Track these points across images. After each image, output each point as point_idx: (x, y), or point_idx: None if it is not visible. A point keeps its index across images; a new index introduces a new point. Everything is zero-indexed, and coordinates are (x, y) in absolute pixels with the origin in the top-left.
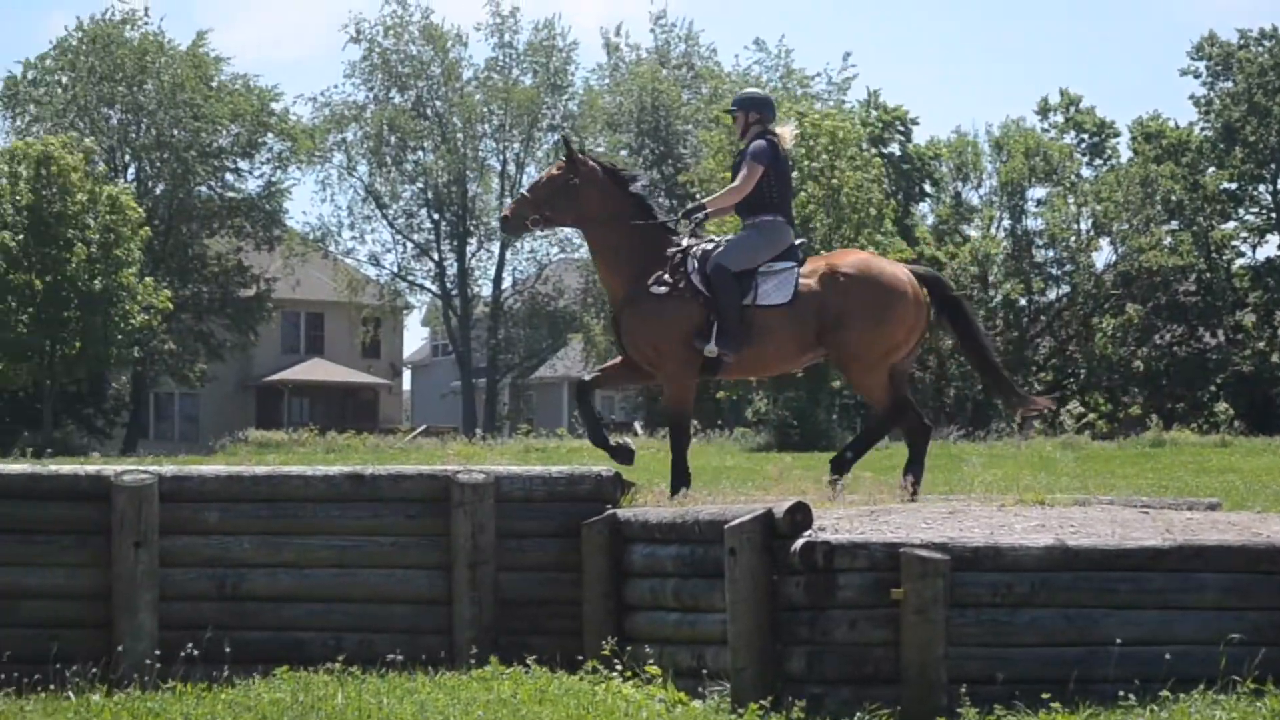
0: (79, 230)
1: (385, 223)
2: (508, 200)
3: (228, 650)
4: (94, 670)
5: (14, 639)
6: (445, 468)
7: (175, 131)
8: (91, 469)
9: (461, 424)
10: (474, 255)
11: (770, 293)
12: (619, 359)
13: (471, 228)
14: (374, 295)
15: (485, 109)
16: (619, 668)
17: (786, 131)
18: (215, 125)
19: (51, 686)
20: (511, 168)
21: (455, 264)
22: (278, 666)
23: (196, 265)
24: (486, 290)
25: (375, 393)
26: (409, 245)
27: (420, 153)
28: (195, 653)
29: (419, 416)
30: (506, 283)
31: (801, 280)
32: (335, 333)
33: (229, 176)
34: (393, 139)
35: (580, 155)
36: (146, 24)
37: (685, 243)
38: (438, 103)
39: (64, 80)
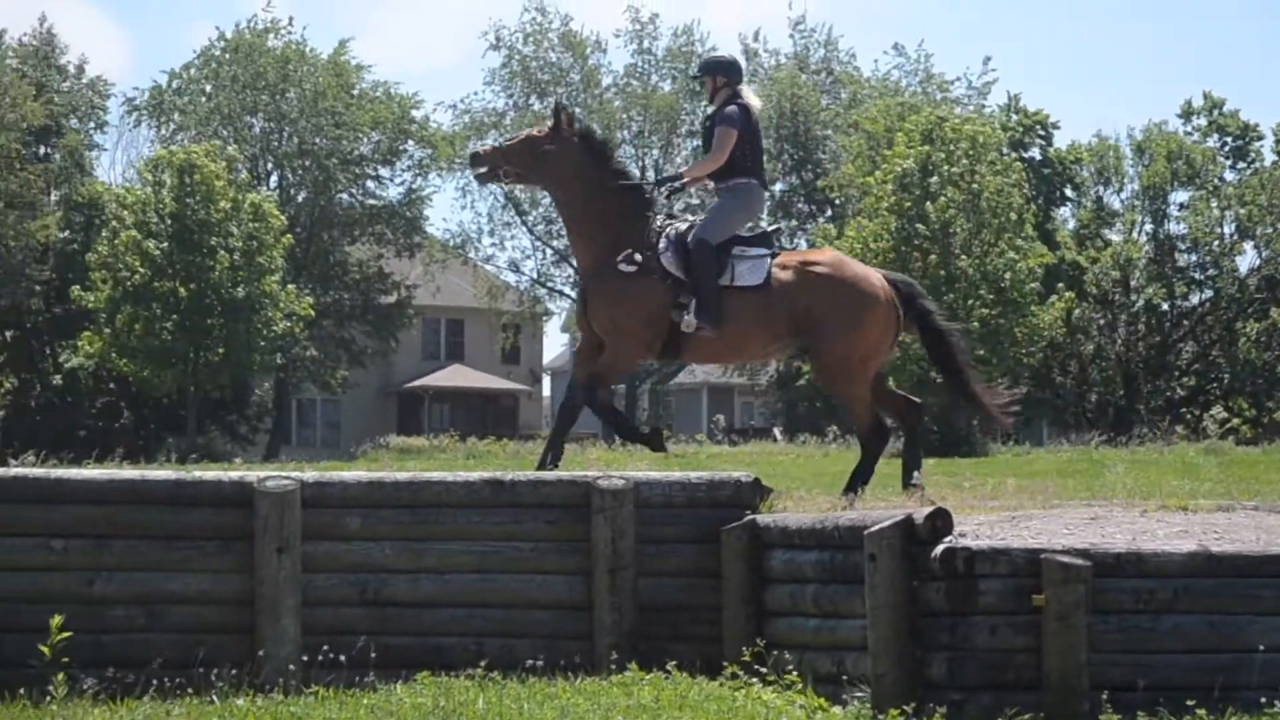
0: (222, 238)
1: (525, 229)
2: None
3: (371, 655)
4: (238, 675)
5: (160, 644)
6: (585, 473)
7: (317, 139)
8: (235, 475)
9: (601, 430)
10: None
11: (744, 274)
12: (584, 341)
13: None
14: (514, 301)
15: (624, 115)
16: (759, 673)
17: (752, 95)
18: (356, 133)
19: (196, 691)
20: (650, 174)
21: None
22: (419, 672)
23: (338, 272)
24: None
25: (515, 399)
26: (548, 251)
27: None
28: (338, 658)
29: (586, 421)
30: None
31: (776, 270)
32: (475, 339)
33: (370, 184)
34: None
35: (568, 126)
36: (290, 33)
37: (660, 222)
38: (577, 109)
39: (208, 89)
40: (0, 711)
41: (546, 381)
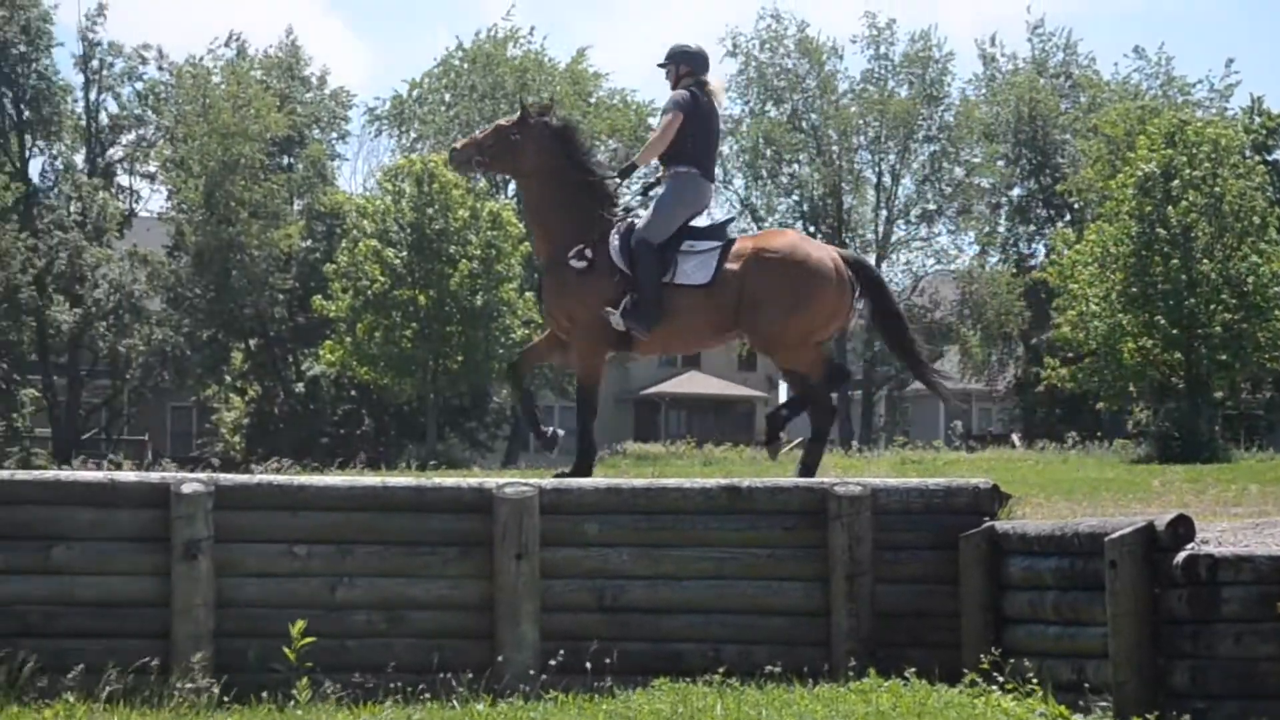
0: (461, 246)
1: None
2: (882, 212)
3: (608, 661)
4: (477, 680)
5: (401, 649)
6: (822, 480)
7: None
8: (474, 481)
9: (837, 436)
10: None
11: (690, 272)
12: (549, 331)
13: (847, 240)
14: None
15: (860, 121)
16: (998, 681)
17: (717, 84)
18: (593, 140)
19: (435, 695)
20: (887, 179)
21: None
22: (657, 677)
23: None
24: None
25: (751, 404)
26: None
27: (796, 165)
28: (576, 663)
29: (795, 429)
30: None
31: (726, 263)
32: None
33: None
34: (768, 152)
35: (534, 117)
36: (529, 42)
37: (619, 215)
38: (813, 115)
39: (447, 98)
40: (246, 716)
41: (783, 388)
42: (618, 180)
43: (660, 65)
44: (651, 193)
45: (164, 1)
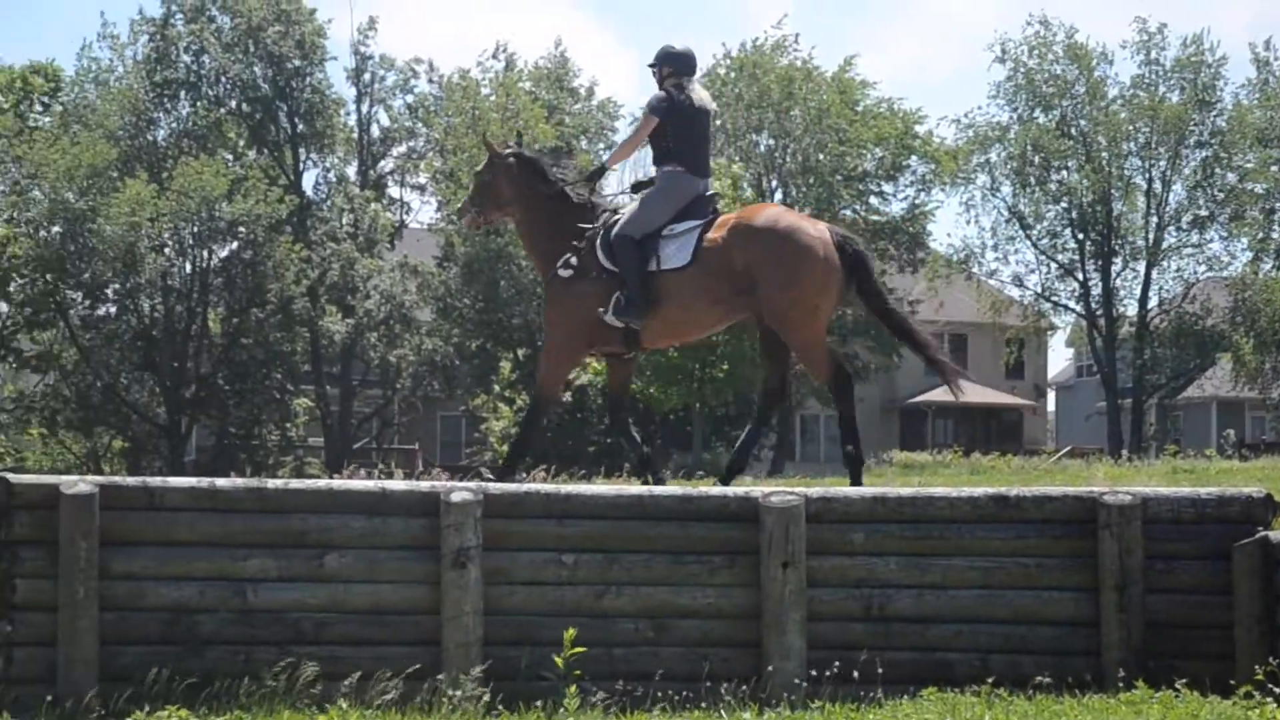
0: None
1: (1029, 243)
2: (1153, 218)
3: (876, 670)
4: (743, 689)
5: (667, 657)
6: (1091, 489)
7: (821, 156)
8: (740, 490)
9: (1106, 445)
10: (1119, 275)
11: (672, 256)
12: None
13: (1117, 247)
14: (1017, 316)
15: (1130, 127)
16: (1274, 693)
17: (699, 89)
18: (860, 149)
19: (702, 704)
20: (1158, 186)
21: (1100, 284)
22: (924, 687)
23: None
24: (1132, 310)
25: (1019, 414)
26: (1053, 265)
27: (1064, 172)
28: (842, 672)
29: (1063, 437)
30: (1153, 302)
31: (707, 238)
32: (979, 354)
33: (873, 200)
34: (1036, 159)
35: (499, 151)
36: (796, 50)
37: (604, 218)
38: (1082, 121)
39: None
40: None
41: (1051, 396)
42: (590, 186)
43: (649, 66)
44: (641, 193)
45: (436, 15)
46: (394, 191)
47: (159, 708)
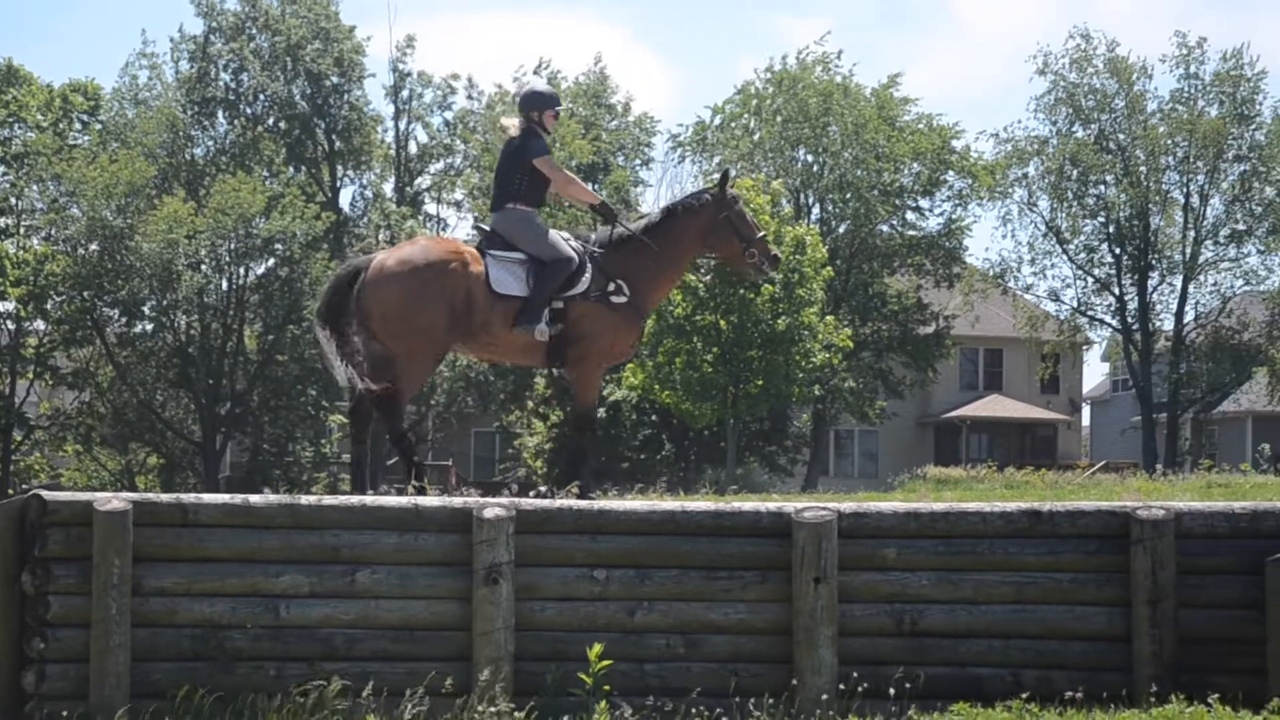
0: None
1: (1065, 258)
2: (1190, 233)
3: (908, 686)
4: (775, 704)
5: (699, 672)
6: (1124, 503)
7: (858, 171)
8: (772, 506)
9: (1141, 459)
10: (1155, 289)
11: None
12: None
13: (1153, 261)
14: (1053, 331)
15: (1169, 141)
16: None
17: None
18: (897, 164)
19: None
20: (1195, 200)
21: (1136, 298)
22: (955, 702)
23: (876, 304)
24: (1168, 324)
25: (1054, 428)
26: (1089, 280)
27: (1102, 187)
28: (875, 688)
29: (1098, 452)
30: (1189, 316)
31: None
32: (1014, 369)
33: (910, 215)
34: (1074, 173)
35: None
36: (837, 67)
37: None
38: (1120, 135)
39: (750, 124)
40: None
41: (1086, 411)
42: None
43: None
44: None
45: (474, 32)
46: (431, 208)
47: None
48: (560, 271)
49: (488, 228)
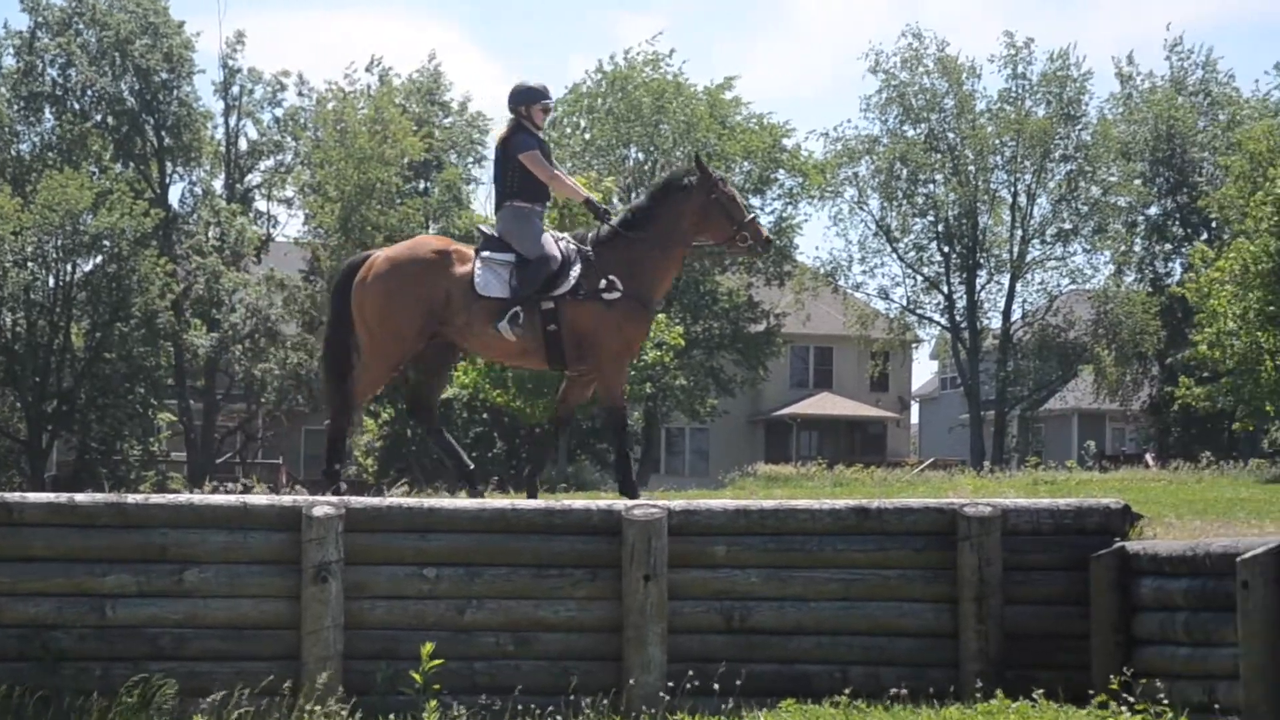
0: None
1: (895, 256)
2: (1018, 232)
3: (736, 683)
4: (605, 702)
5: (529, 671)
6: (952, 500)
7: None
8: (603, 504)
9: (969, 456)
10: (983, 288)
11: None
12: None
13: (981, 260)
14: (883, 329)
15: (997, 140)
16: (1128, 702)
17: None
18: (728, 163)
19: (564, 717)
20: (1022, 199)
21: (964, 297)
22: (784, 699)
23: (708, 301)
24: (996, 323)
25: (883, 426)
26: (918, 279)
27: (931, 186)
28: (703, 684)
29: (926, 449)
30: (1016, 314)
31: None
32: (844, 367)
33: None
34: (904, 172)
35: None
36: (669, 65)
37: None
38: (950, 135)
39: (582, 123)
40: None
41: (915, 409)
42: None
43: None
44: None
45: (305, 29)
46: (261, 205)
47: None
48: (540, 271)
49: (489, 230)
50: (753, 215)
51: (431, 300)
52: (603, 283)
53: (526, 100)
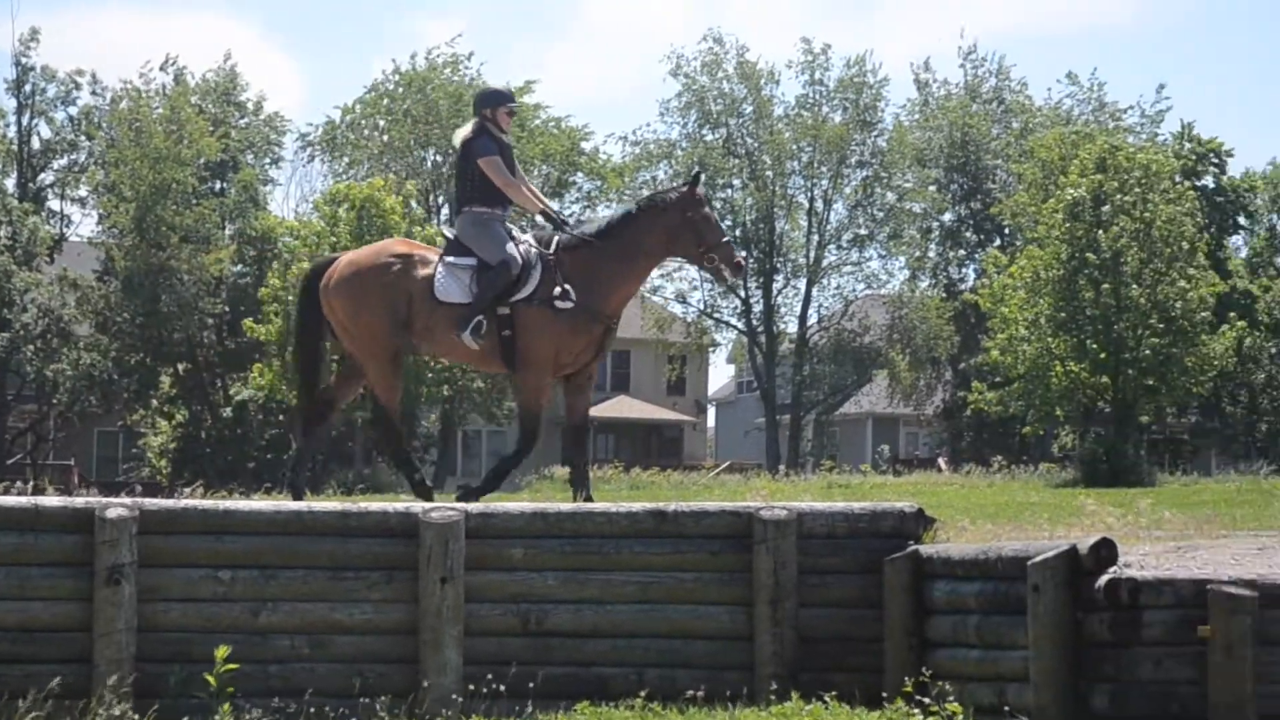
0: None
1: None
2: (814, 237)
3: (531, 686)
4: (401, 705)
5: (324, 673)
6: (748, 504)
7: None
8: (400, 506)
9: (765, 460)
10: (780, 292)
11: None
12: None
13: (778, 265)
14: (680, 333)
15: (794, 146)
16: (921, 704)
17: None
18: (527, 166)
19: None
20: (819, 204)
21: (761, 301)
22: (580, 701)
23: None
24: (792, 327)
25: (680, 429)
26: (716, 283)
27: (729, 190)
28: (499, 687)
29: (723, 453)
30: (812, 319)
31: None
32: (641, 370)
33: (539, 216)
34: (703, 177)
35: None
36: (467, 68)
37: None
38: (748, 140)
39: (380, 124)
40: None
41: (711, 412)
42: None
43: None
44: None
45: (100, 27)
46: (54, 204)
47: None
48: (499, 277)
49: (450, 233)
50: (726, 239)
51: (394, 303)
52: (557, 290)
53: (492, 103)
